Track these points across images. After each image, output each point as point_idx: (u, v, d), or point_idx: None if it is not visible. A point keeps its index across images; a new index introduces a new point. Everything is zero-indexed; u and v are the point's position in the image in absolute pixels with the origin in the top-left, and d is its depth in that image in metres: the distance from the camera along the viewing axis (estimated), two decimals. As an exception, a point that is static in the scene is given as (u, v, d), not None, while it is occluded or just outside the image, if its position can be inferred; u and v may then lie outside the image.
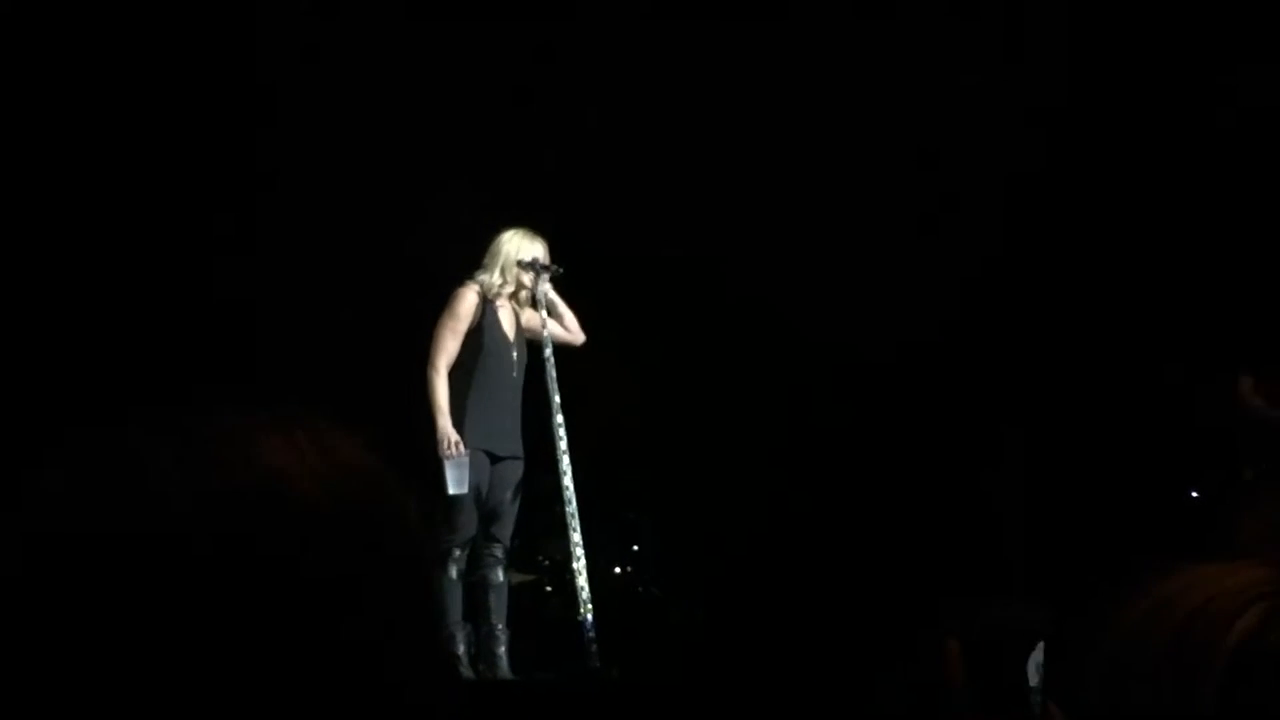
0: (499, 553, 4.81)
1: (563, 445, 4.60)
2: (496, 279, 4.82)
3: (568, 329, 4.95)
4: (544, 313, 4.76)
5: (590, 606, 4.42)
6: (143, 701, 0.61)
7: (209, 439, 0.68)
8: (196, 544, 0.64)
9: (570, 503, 4.54)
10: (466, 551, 4.71)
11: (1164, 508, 5.49)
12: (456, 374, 4.78)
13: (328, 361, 6.47)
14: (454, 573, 4.67)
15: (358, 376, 6.37)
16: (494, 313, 4.81)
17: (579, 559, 4.51)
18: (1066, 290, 6.00)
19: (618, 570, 7.10)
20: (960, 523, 6.11)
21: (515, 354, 4.83)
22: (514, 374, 4.81)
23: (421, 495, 4.70)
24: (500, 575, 4.80)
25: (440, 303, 4.83)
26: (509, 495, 4.79)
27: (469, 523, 4.68)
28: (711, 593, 6.94)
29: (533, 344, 4.89)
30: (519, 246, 4.84)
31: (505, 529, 4.83)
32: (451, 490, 4.66)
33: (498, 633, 4.70)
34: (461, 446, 4.64)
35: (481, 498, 4.71)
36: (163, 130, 5.98)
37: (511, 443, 4.80)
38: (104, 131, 5.88)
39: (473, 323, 4.78)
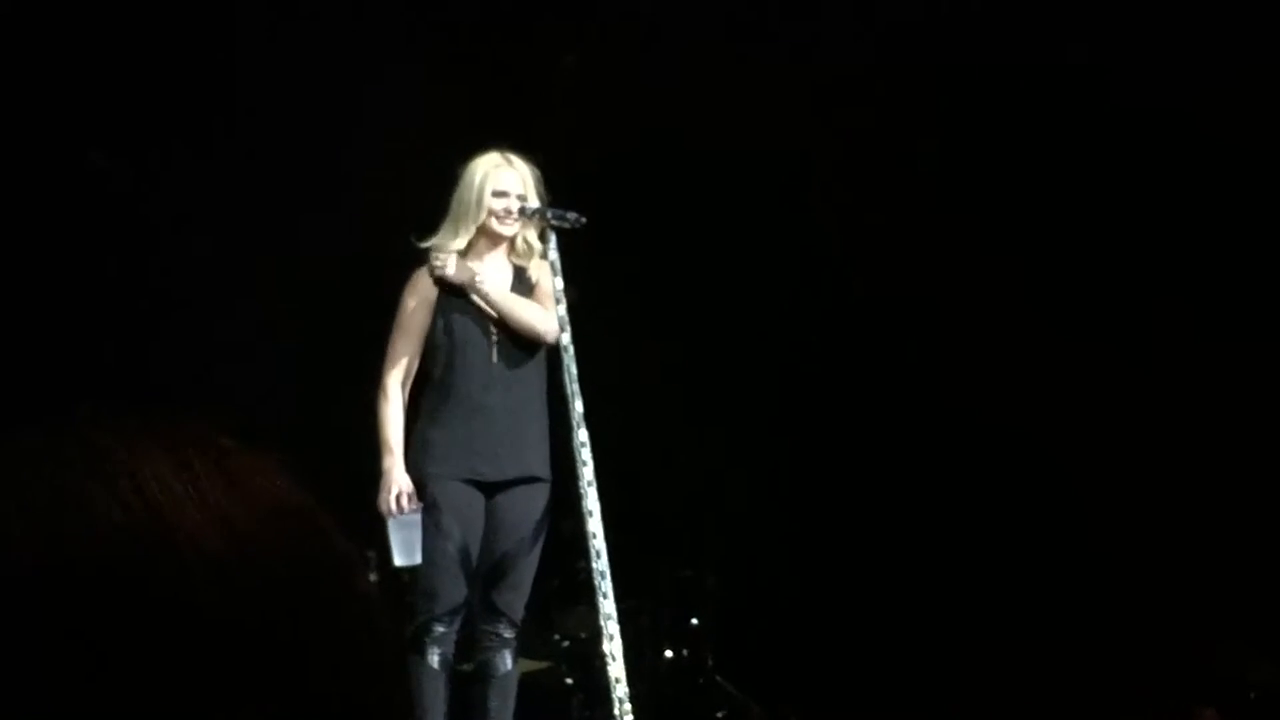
0: (505, 630, 4.77)
1: (587, 474, 4.55)
2: (446, 235, 4.80)
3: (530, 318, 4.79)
4: (557, 278, 4.71)
5: (629, 706, 4.42)
6: None
7: (66, 465, 0.69)
8: (46, 610, 0.65)
9: (599, 556, 4.52)
10: (454, 628, 4.72)
11: None
12: (424, 382, 4.80)
13: (259, 371, 6.71)
14: (434, 658, 4.65)
15: (305, 394, 6.64)
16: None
17: (612, 638, 4.51)
18: None
19: (669, 654, 7.13)
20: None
21: (499, 333, 4.77)
22: (493, 360, 4.75)
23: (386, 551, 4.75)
24: (507, 663, 4.78)
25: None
26: (520, 542, 4.75)
27: (454, 587, 4.68)
28: (808, 686, 6.94)
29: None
30: (477, 184, 4.79)
31: (513, 595, 4.79)
32: (397, 560, 4.70)
33: (496, 745, 4.73)
34: (412, 501, 4.65)
35: (469, 551, 4.71)
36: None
37: (513, 461, 4.74)
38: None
39: (432, 308, 4.78)
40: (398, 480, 4.67)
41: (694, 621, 7.18)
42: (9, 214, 6.54)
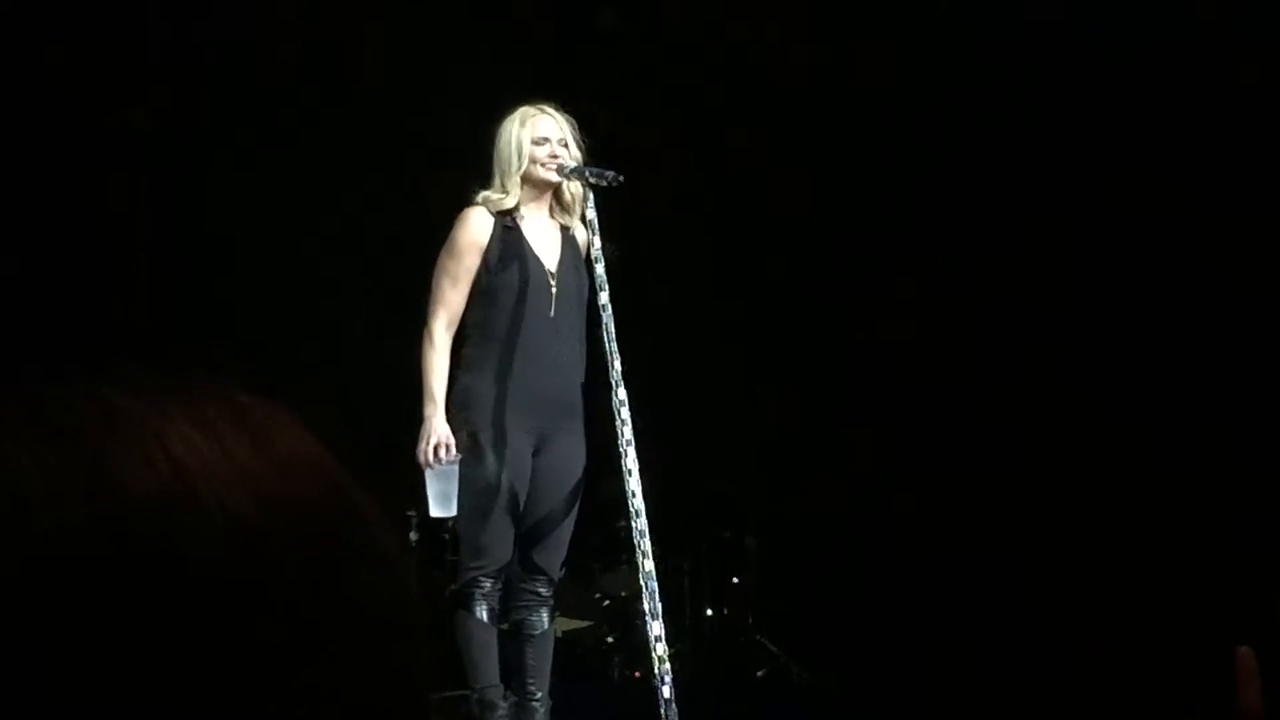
0: (543, 588, 4.79)
1: (627, 433, 4.53)
2: (496, 191, 4.77)
3: None
4: (594, 237, 4.68)
5: (668, 666, 4.43)
6: None
7: (89, 427, 0.68)
8: (71, 580, 0.64)
9: (639, 515, 4.52)
10: (500, 583, 4.73)
11: None
12: (473, 330, 4.79)
13: (287, 320, 6.76)
14: (483, 612, 4.67)
15: (337, 344, 6.68)
16: (517, 232, 4.78)
17: (652, 597, 4.52)
18: None
19: (710, 612, 7.15)
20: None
21: (557, 286, 4.78)
22: (551, 313, 4.76)
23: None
24: (544, 620, 4.80)
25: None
26: (561, 499, 4.76)
27: (504, 541, 4.68)
28: (851, 647, 6.94)
29: None
30: (515, 135, 4.76)
31: (553, 552, 4.80)
32: (434, 511, 4.72)
33: (534, 702, 4.73)
34: (452, 452, 4.65)
35: (517, 505, 4.70)
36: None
37: (561, 416, 4.76)
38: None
39: (485, 253, 4.74)
40: (437, 431, 4.65)
41: (735, 581, 7.19)
42: (40, 170, 6.57)
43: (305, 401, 0.78)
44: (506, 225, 4.78)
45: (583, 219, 4.72)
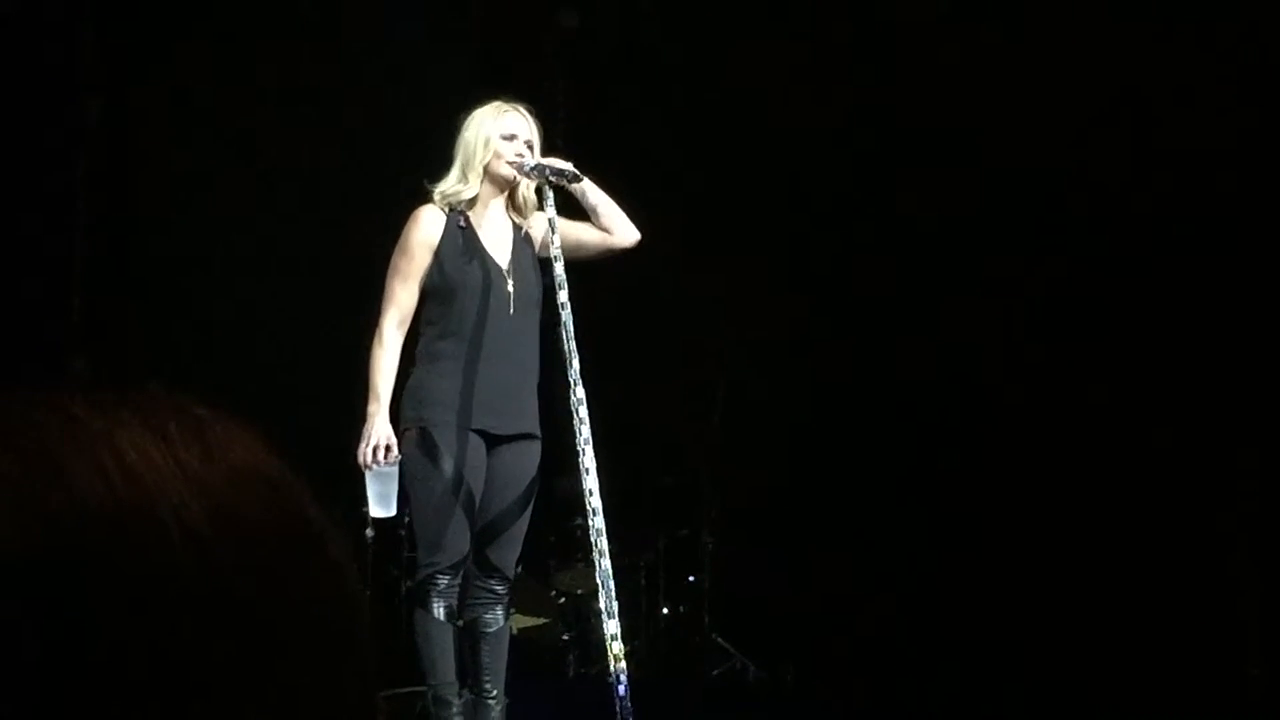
0: (498, 586, 4.79)
1: (584, 432, 4.55)
2: (455, 181, 4.76)
3: (607, 227, 4.88)
4: (554, 236, 4.68)
5: (624, 664, 4.44)
6: None
7: (42, 435, 0.69)
8: (19, 590, 0.65)
9: (596, 514, 4.53)
10: (458, 580, 4.72)
11: None
12: (428, 326, 4.77)
13: (240, 325, 6.73)
14: (440, 611, 4.66)
15: (291, 348, 6.65)
16: (470, 230, 4.76)
17: (609, 595, 4.53)
18: None
19: (666, 611, 7.16)
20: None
21: (513, 284, 4.76)
22: (511, 311, 4.74)
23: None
24: (500, 618, 4.80)
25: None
26: (517, 499, 4.76)
27: (459, 539, 4.68)
28: (808, 647, 6.97)
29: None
30: (485, 126, 4.75)
31: (508, 551, 4.80)
32: (374, 512, 4.76)
33: (490, 700, 4.74)
34: (393, 454, 4.64)
35: (473, 503, 4.69)
36: None
37: (517, 416, 4.75)
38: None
39: (437, 252, 4.73)
40: (379, 431, 4.64)
41: (691, 579, 7.20)
42: None
43: (259, 399, 0.78)
44: (460, 224, 4.77)
45: (550, 222, 4.72)
